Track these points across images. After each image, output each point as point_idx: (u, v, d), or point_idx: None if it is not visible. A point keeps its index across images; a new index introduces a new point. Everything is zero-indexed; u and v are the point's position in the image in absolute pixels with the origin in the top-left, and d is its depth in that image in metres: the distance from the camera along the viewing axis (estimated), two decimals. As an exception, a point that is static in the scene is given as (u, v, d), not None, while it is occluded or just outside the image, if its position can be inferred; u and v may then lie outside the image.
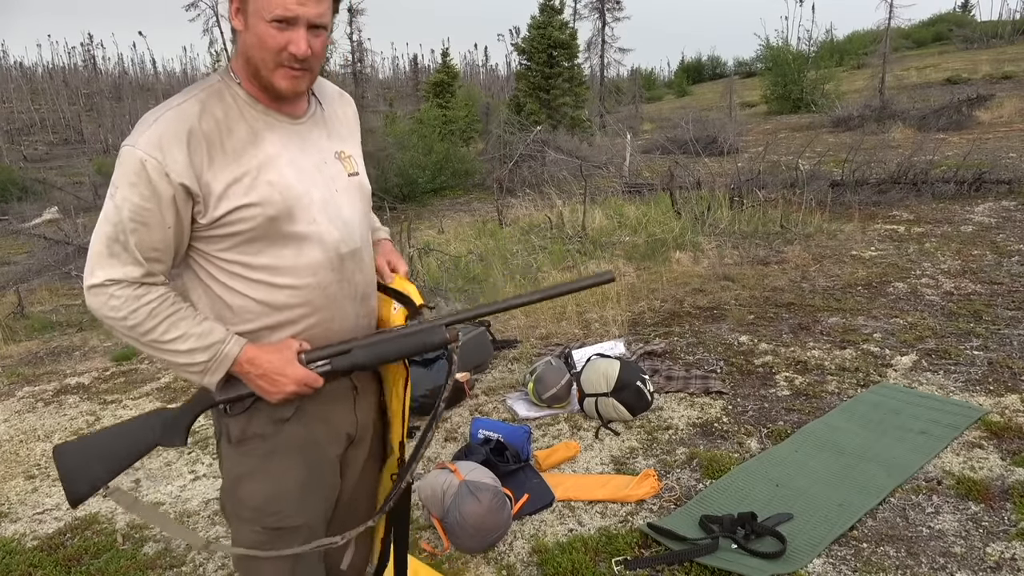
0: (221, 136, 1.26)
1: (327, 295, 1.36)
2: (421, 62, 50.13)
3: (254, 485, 1.38)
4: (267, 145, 1.31)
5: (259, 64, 1.27)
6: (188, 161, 1.22)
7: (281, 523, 1.39)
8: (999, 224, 6.66)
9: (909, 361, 3.77)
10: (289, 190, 1.30)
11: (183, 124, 1.23)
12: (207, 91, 1.30)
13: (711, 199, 7.97)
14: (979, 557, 2.24)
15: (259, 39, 1.24)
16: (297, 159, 1.34)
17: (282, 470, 1.39)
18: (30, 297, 8.80)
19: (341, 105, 1.51)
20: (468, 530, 2.44)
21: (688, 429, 3.25)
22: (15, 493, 3.22)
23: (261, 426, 1.37)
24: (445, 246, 7.93)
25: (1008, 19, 34.54)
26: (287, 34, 1.23)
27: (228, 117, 1.28)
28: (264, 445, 1.38)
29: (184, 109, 1.25)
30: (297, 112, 1.37)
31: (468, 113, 21.94)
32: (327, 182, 1.37)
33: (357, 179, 1.44)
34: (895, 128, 14.28)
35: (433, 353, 3.97)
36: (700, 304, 5.07)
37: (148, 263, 1.26)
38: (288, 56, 1.25)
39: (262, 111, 1.32)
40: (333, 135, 1.43)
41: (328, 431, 1.44)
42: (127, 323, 1.25)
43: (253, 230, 1.28)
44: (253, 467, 1.38)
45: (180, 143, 1.22)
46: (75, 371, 4.99)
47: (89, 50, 57.05)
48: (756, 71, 31.38)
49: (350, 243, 1.39)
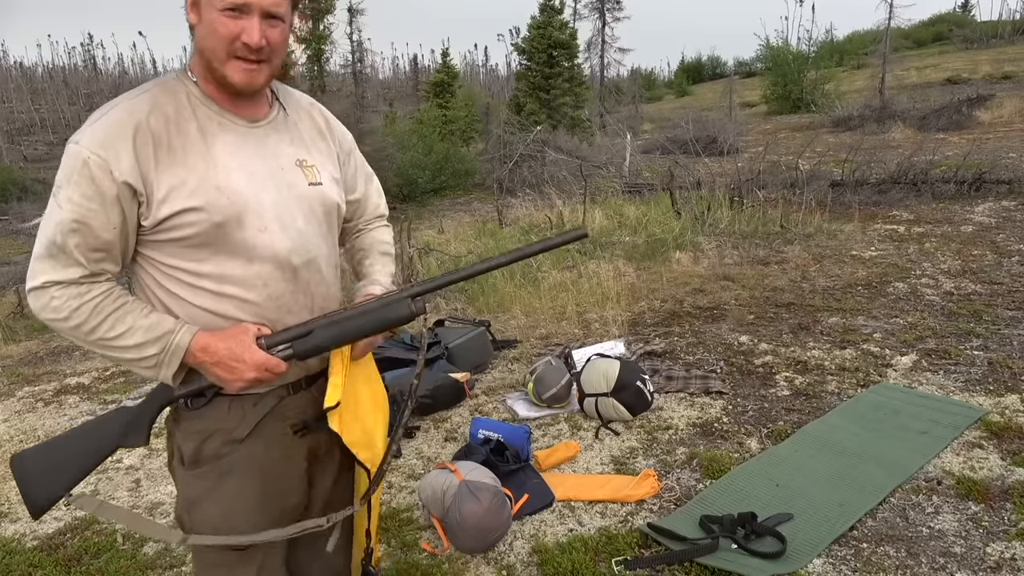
0: (169, 135, 1.21)
1: (279, 306, 1.31)
2: (421, 62, 50.15)
3: (210, 508, 1.33)
4: (218, 147, 1.25)
5: (211, 56, 1.21)
6: (134, 159, 1.17)
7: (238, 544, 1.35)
8: (999, 224, 6.66)
9: (909, 361, 3.77)
10: (238, 195, 1.23)
11: (130, 120, 1.19)
12: (161, 87, 1.25)
13: (711, 199, 7.97)
14: (979, 557, 2.24)
15: (211, 28, 1.19)
16: (249, 163, 1.27)
17: (237, 491, 1.33)
18: (30, 297, 8.80)
19: (310, 114, 1.44)
20: (468, 530, 2.43)
21: (688, 429, 3.25)
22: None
23: (215, 447, 1.32)
24: (445, 246, 7.93)
25: (1008, 19, 34.55)
26: (240, 22, 1.18)
27: (179, 116, 1.23)
28: (219, 466, 1.32)
29: (134, 104, 1.21)
30: (256, 115, 1.31)
31: (468, 113, 21.95)
32: (281, 189, 1.30)
33: (319, 189, 1.36)
34: (895, 128, 14.30)
35: (433, 353, 4.02)
36: (700, 304, 5.07)
37: (91, 264, 1.20)
38: (241, 46, 1.19)
39: (216, 111, 1.27)
40: (296, 142, 1.36)
41: (292, 448, 1.38)
42: (70, 323, 1.20)
43: (198, 236, 1.22)
44: (207, 489, 1.33)
45: (126, 140, 1.17)
46: (75, 371, 4.99)
47: (89, 50, 57.12)
48: (756, 71, 31.40)
49: (303, 253, 1.32)
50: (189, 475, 1.34)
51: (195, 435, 1.32)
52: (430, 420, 3.56)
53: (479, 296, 5.75)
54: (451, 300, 5.77)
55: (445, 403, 3.67)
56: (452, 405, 3.69)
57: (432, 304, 5.68)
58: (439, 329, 4.43)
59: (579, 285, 5.64)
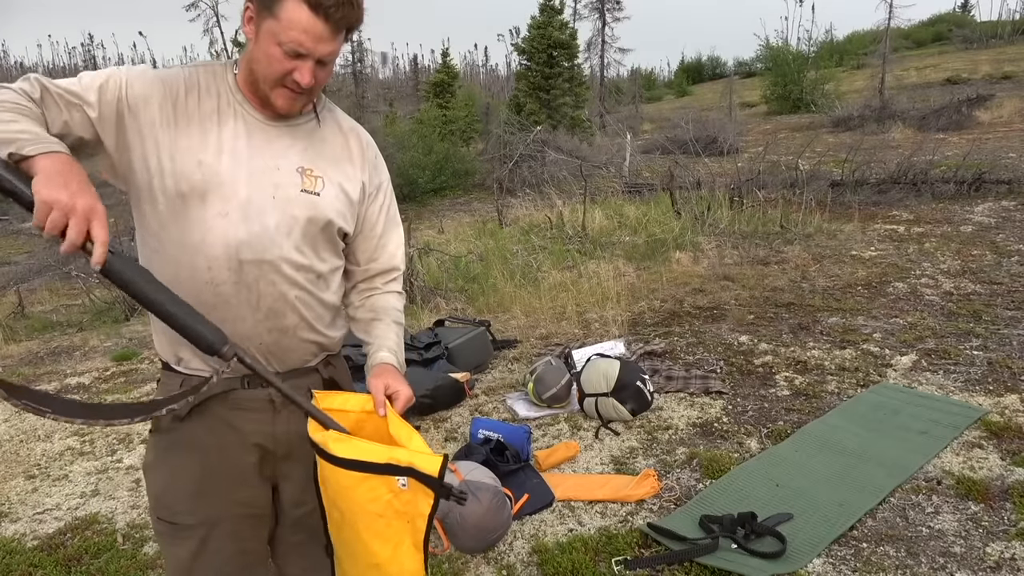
0: (188, 104, 1.29)
1: (218, 293, 1.30)
2: (421, 62, 50.16)
3: (154, 476, 1.42)
4: (223, 130, 1.30)
5: (260, 79, 1.28)
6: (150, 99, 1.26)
7: (172, 519, 1.40)
8: (999, 224, 6.66)
9: (909, 361, 3.77)
10: (213, 175, 1.27)
11: (165, 76, 1.30)
12: (206, 67, 1.35)
13: (711, 199, 7.97)
14: (979, 557, 2.24)
15: (267, 58, 1.25)
16: (243, 152, 1.30)
17: (177, 466, 1.39)
18: (30, 297, 8.82)
19: (346, 136, 1.44)
20: (468, 530, 2.43)
21: (688, 429, 3.25)
22: (15, 493, 3.22)
23: (167, 420, 1.38)
24: (445, 246, 7.93)
25: (1008, 19, 34.55)
26: (295, 63, 1.24)
27: (206, 92, 1.31)
28: (165, 438, 1.40)
29: (174, 71, 1.33)
30: (277, 116, 1.34)
31: (468, 113, 21.93)
32: (265, 186, 1.30)
33: (311, 198, 1.34)
34: (895, 128, 14.30)
35: (433, 353, 4.03)
36: (700, 304, 5.07)
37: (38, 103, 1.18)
38: (292, 81, 1.26)
39: (240, 100, 1.33)
40: (309, 151, 1.37)
41: (236, 439, 1.39)
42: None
43: (164, 200, 1.27)
44: (155, 458, 1.42)
45: (155, 85, 1.28)
46: (75, 371, 4.99)
47: (89, 50, 57.04)
48: (756, 71, 31.39)
49: (258, 251, 1.30)
50: (151, 438, 1.44)
51: None
52: (430, 420, 3.56)
53: (479, 296, 5.75)
54: (451, 300, 5.77)
55: (445, 403, 3.67)
56: (452, 405, 3.69)
57: (432, 304, 5.68)
58: (439, 329, 4.43)
59: (579, 285, 5.65)
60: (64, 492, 3.19)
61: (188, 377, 1.37)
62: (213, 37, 20.65)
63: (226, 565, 1.44)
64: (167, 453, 1.40)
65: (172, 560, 1.44)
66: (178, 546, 1.41)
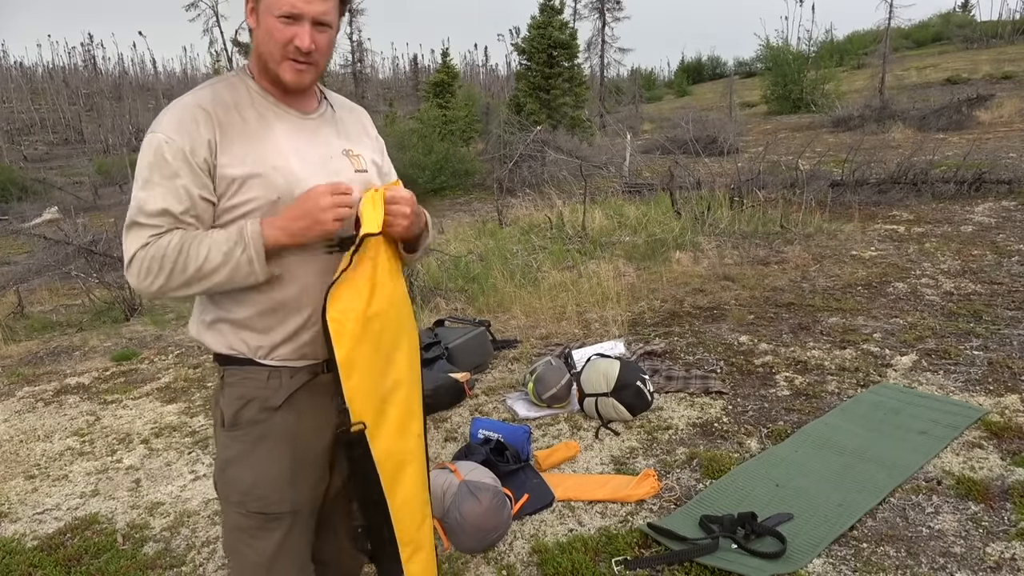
0: (231, 119, 1.35)
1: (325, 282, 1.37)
2: (421, 62, 50.15)
3: (241, 469, 1.42)
4: (276, 133, 1.38)
5: (267, 57, 1.36)
6: (203, 137, 1.31)
7: (265, 509, 1.43)
8: (999, 224, 6.66)
9: (909, 361, 3.77)
10: (292, 175, 1.36)
11: (196, 104, 1.33)
12: (223, 82, 1.41)
13: (711, 199, 7.97)
14: (979, 557, 2.24)
15: (268, 33, 1.34)
16: (303, 149, 1.40)
17: (268, 457, 1.42)
18: (30, 297, 8.81)
19: (352, 113, 1.59)
20: (468, 530, 2.44)
21: (688, 429, 3.25)
22: (15, 493, 3.22)
23: (253, 413, 1.41)
24: (445, 246, 7.92)
25: (1008, 19, 34.55)
26: (293, 28, 1.33)
27: (240, 104, 1.37)
28: (254, 431, 1.41)
29: (198, 96, 1.36)
30: (307, 109, 1.46)
31: (468, 113, 21.92)
32: (330, 175, 1.40)
33: (364, 176, 1.49)
34: (895, 128, 14.30)
35: (433, 353, 4.02)
36: (700, 304, 5.07)
37: (173, 217, 1.30)
38: (293, 49, 1.34)
39: (273, 103, 1.41)
40: (342, 134, 1.50)
41: (317, 422, 1.45)
42: (163, 274, 1.28)
43: (258, 210, 1.34)
44: (241, 452, 1.42)
45: (195, 122, 1.31)
46: (75, 371, 4.99)
47: (89, 50, 57.16)
48: (756, 71, 31.40)
49: (348, 230, 1.41)
50: (227, 436, 1.44)
51: (236, 401, 1.41)
52: (430, 420, 3.56)
53: (479, 296, 5.75)
54: (451, 300, 5.77)
55: (445, 403, 3.67)
56: (452, 405, 3.69)
57: (432, 304, 5.68)
58: (439, 329, 4.43)
59: (579, 285, 5.65)
60: (64, 492, 3.19)
61: (276, 369, 1.41)
62: (213, 37, 20.71)
63: (302, 554, 1.51)
64: (256, 444, 1.42)
65: (251, 555, 1.45)
66: (263, 539, 1.44)
